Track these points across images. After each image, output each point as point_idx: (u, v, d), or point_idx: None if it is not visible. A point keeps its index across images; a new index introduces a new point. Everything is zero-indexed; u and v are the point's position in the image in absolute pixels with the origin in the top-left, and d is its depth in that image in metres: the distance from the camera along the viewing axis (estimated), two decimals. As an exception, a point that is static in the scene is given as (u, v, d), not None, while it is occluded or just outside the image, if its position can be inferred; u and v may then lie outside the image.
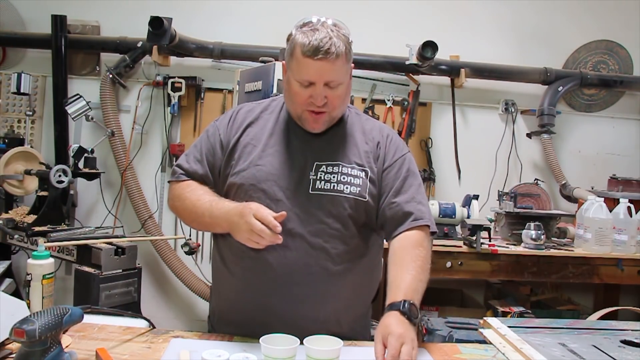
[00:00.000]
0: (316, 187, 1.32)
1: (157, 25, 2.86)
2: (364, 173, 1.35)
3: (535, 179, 3.28)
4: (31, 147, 3.18)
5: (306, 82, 1.28)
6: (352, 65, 1.37)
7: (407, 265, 1.26)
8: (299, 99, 1.30)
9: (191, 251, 3.24)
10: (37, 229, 2.66)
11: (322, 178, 1.33)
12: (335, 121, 1.38)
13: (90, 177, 3.10)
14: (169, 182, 1.47)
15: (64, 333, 1.04)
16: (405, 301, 1.18)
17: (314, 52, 1.23)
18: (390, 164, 1.39)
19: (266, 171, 1.33)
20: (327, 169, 1.34)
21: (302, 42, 1.25)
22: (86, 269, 2.42)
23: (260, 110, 1.44)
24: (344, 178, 1.33)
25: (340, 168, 1.34)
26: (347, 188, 1.33)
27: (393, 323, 1.14)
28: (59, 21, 3.20)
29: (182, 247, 3.24)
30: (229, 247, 1.36)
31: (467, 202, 2.78)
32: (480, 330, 1.40)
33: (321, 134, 1.38)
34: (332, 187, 1.32)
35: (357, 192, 1.33)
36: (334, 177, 1.33)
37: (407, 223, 1.33)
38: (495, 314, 2.85)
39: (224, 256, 1.38)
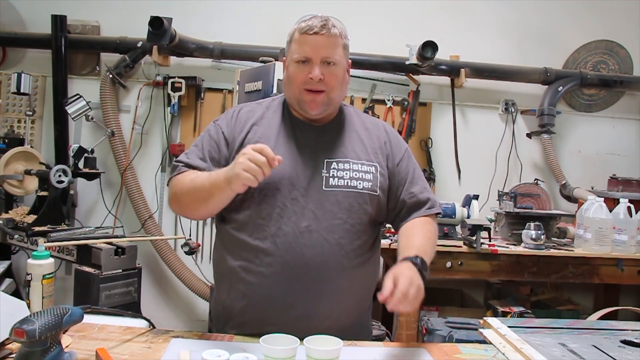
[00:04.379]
0: (330, 184, 1.34)
1: (157, 25, 2.86)
2: (373, 168, 1.39)
3: (535, 179, 3.28)
4: (31, 147, 3.18)
5: (303, 58, 1.33)
6: (349, 62, 1.42)
7: (417, 233, 1.37)
8: (297, 79, 1.34)
9: (191, 251, 3.24)
10: (37, 229, 2.66)
11: (335, 175, 1.35)
12: (333, 106, 1.41)
13: (90, 177, 3.11)
14: (171, 178, 1.40)
15: (64, 333, 1.04)
16: (417, 256, 1.25)
17: (311, 28, 1.32)
18: (401, 158, 1.46)
19: (280, 170, 1.32)
20: (338, 165, 1.37)
21: (299, 26, 1.35)
22: (86, 269, 2.42)
23: (262, 110, 1.45)
24: (355, 174, 1.36)
25: (350, 165, 1.37)
26: (360, 183, 1.36)
27: (405, 268, 1.20)
28: (59, 21, 3.20)
29: (182, 247, 3.24)
30: (241, 247, 1.35)
31: (467, 202, 2.78)
32: (480, 330, 1.40)
33: (327, 131, 1.40)
34: (345, 184, 1.35)
35: (370, 187, 1.37)
36: (346, 173, 1.36)
37: (423, 210, 1.43)
38: (495, 314, 2.85)
39: (233, 255, 1.37)
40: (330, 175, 1.35)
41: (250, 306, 1.35)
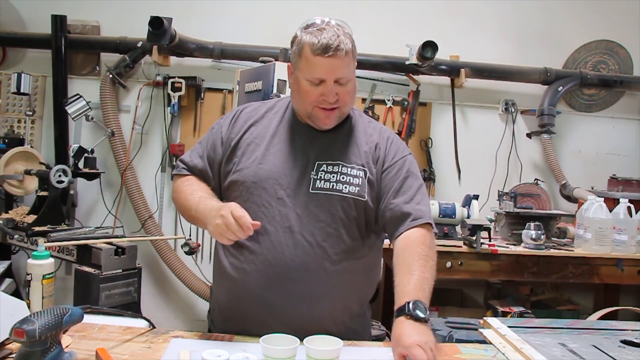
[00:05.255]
0: (316, 186, 1.34)
1: (157, 25, 2.86)
2: (363, 173, 1.36)
3: (535, 179, 3.28)
4: (31, 147, 3.18)
5: (317, 80, 1.30)
6: (355, 64, 1.40)
7: (410, 266, 1.26)
8: (310, 97, 1.32)
9: (191, 251, 3.24)
10: (37, 229, 2.66)
11: (323, 177, 1.34)
12: (344, 117, 1.40)
13: (90, 177, 3.11)
14: (173, 175, 1.50)
15: (64, 333, 1.04)
16: (408, 303, 1.17)
17: (324, 50, 1.26)
18: (390, 165, 1.39)
19: (268, 170, 1.34)
20: (327, 168, 1.35)
21: (310, 42, 1.28)
22: (86, 269, 2.42)
23: (265, 109, 1.46)
24: (343, 178, 1.34)
25: (340, 168, 1.35)
26: (346, 188, 1.34)
27: (405, 333, 1.13)
28: (59, 21, 3.20)
29: (182, 247, 3.24)
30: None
31: (467, 202, 2.78)
32: (480, 330, 1.40)
33: (325, 134, 1.39)
34: (331, 187, 1.33)
35: (356, 191, 1.34)
36: (333, 176, 1.34)
37: (406, 223, 1.33)
38: (495, 314, 2.85)
39: (225, 250, 1.39)
40: (318, 177, 1.34)
41: (234, 302, 1.36)
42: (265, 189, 1.33)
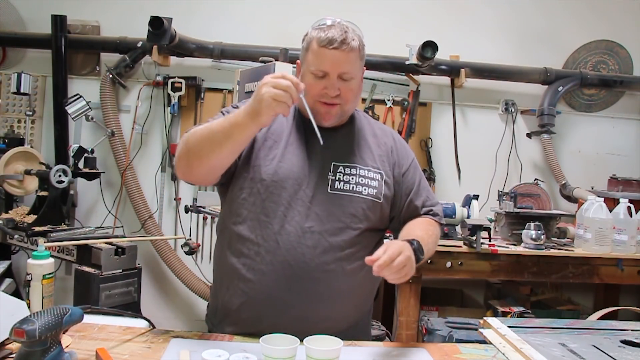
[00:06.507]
0: (335, 187, 1.36)
1: (157, 25, 2.86)
2: (379, 175, 1.41)
3: (535, 179, 3.28)
4: (31, 147, 3.18)
5: (321, 73, 1.32)
6: (365, 68, 1.43)
7: (418, 228, 1.40)
8: (313, 91, 1.33)
9: (191, 251, 3.24)
10: (37, 229, 2.66)
11: (341, 179, 1.37)
12: (346, 116, 1.42)
13: (90, 177, 3.11)
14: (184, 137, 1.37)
15: (64, 333, 1.04)
16: (414, 240, 1.28)
17: (330, 42, 1.29)
18: (407, 167, 1.48)
19: (288, 169, 1.35)
20: (345, 170, 1.38)
21: (318, 36, 1.32)
22: (86, 269, 2.42)
23: None
24: (361, 180, 1.38)
25: (357, 170, 1.39)
26: (365, 189, 1.37)
27: (398, 242, 1.23)
28: (59, 21, 3.20)
29: (182, 247, 3.24)
30: (243, 243, 1.35)
31: (467, 202, 2.78)
32: (480, 330, 1.40)
33: (335, 135, 1.41)
34: (351, 188, 1.36)
35: (374, 193, 1.38)
36: (352, 178, 1.38)
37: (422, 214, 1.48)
38: (495, 314, 2.85)
39: (235, 252, 1.36)
40: (337, 178, 1.37)
41: (249, 304, 1.34)
42: (285, 188, 1.33)
